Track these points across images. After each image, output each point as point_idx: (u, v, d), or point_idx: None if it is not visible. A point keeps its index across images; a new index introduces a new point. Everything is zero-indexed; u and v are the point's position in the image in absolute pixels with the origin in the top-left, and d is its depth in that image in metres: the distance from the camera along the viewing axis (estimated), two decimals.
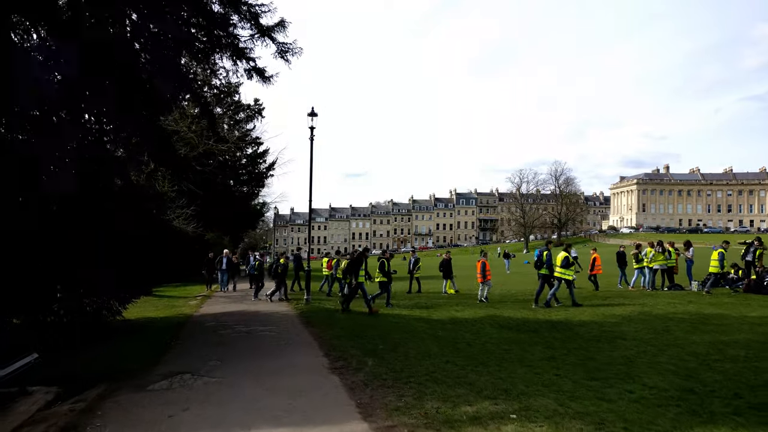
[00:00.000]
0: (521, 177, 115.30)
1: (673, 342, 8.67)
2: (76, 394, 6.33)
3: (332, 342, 9.17)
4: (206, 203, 27.98)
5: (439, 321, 11.90)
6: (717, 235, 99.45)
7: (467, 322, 11.61)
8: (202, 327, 11.68)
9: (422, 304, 15.88)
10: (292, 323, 11.83)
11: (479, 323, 11.41)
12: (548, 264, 14.43)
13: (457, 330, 10.64)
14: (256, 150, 38.86)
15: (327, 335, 9.90)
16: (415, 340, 9.32)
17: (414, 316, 12.65)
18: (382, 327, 10.96)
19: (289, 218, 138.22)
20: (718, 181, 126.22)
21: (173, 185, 20.82)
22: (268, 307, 15.20)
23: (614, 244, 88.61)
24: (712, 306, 12.91)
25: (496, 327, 10.85)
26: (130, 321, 12.89)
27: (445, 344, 9.00)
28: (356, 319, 12.11)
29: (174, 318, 13.32)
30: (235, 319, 12.77)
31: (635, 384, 6.10)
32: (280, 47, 11.07)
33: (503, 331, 10.41)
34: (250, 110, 37.40)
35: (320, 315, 12.97)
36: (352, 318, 12.32)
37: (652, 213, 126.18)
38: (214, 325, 11.85)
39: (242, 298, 18.60)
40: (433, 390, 5.93)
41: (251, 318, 12.91)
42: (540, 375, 6.63)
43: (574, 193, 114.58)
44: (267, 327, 11.25)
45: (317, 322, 11.70)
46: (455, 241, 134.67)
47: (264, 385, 6.53)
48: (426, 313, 13.40)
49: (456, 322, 11.70)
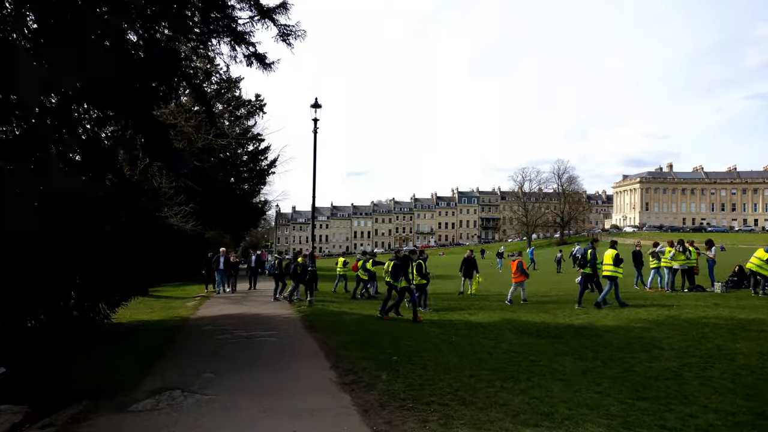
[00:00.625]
0: (524, 175, 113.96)
1: (717, 352, 7.82)
2: (49, 414, 5.51)
3: (339, 351, 8.34)
4: (206, 201, 27.15)
5: (453, 325, 11.08)
6: (721, 234, 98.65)
7: (483, 327, 10.79)
8: (198, 331, 10.86)
9: (432, 306, 15.08)
10: (294, 328, 11.00)
11: (496, 328, 10.58)
12: (592, 263, 13.74)
13: (473, 336, 9.82)
14: (258, 147, 37.99)
15: (333, 342, 9.07)
16: (431, 349, 8.49)
17: (425, 320, 11.82)
18: (393, 333, 10.14)
19: (291, 216, 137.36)
20: (722, 179, 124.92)
21: (171, 182, 20.00)
22: (270, 310, 14.39)
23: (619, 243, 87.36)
24: (743, 310, 12.04)
25: (516, 332, 10.02)
26: (121, 325, 12.08)
27: (463, 353, 8.18)
28: (363, 324, 11.29)
29: (169, 321, 12.50)
30: (234, 322, 11.95)
31: (694, 406, 5.26)
32: (281, 30, 10.24)
33: (524, 337, 9.58)
34: (251, 106, 36.49)
35: (324, 319, 12.14)
36: (360, 322, 11.48)
37: (656, 212, 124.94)
38: (210, 329, 11.03)
39: (242, 300, 17.79)
40: (462, 413, 5.09)
41: (251, 321, 12.09)
42: (580, 393, 5.78)
43: (576, 191, 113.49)
44: (268, 332, 10.42)
45: (322, 326, 10.87)
46: (457, 240, 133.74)
47: (262, 404, 5.70)
48: (437, 316, 12.58)
49: (471, 327, 10.87)
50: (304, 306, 14.54)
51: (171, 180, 19.90)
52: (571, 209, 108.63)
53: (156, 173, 18.56)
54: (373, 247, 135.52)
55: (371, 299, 17.07)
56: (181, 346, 9.24)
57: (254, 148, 37.78)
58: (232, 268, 20.55)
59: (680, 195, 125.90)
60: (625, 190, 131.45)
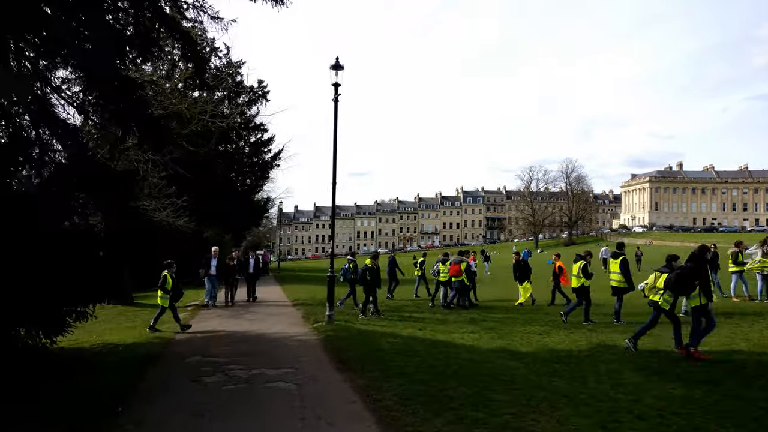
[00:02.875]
0: (531, 174, 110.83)
1: None
2: None
3: (399, 414, 5.20)
4: (202, 195, 24.10)
5: (533, 356, 8.00)
6: (734, 234, 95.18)
7: (577, 359, 7.71)
8: (181, 366, 7.72)
9: (478, 318, 12.02)
10: (317, 362, 7.84)
11: (600, 361, 7.50)
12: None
13: (576, 372, 6.77)
14: (260, 138, 34.80)
15: (383, 393, 5.93)
16: (538, 405, 5.40)
17: (491, 347, 8.71)
18: (457, 368, 7.06)
19: (293, 216, 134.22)
20: (734, 179, 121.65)
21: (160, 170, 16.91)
22: (278, 327, 11.26)
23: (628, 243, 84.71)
24: None
25: (636, 370, 6.94)
26: (81, 351, 9.00)
27: (590, 414, 5.11)
28: (412, 353, 8.17)
29: (145, 345, 9.39)
30: (231, 349, 8.83)
31: None
32: None
33: (656, 379, 6.50)
34: (253, 93, 33.30)
35: (354, 343, 8.96)
36: (407, 352, 8.25)
37: (665, 212, 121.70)
38: (198, 361, 7.90)
39: (243, 312, 14.69)
40: None
41: (254, 348, 8.95)
42: None
43: (584, 191, 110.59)
44: (279, 370, 7.27)
45: (355, 359, 7.72)
46: (462, 240, 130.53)
47: None
48: (498, 338, 9.50)
49: (559, 358, 7.79)
50: (322, 322, 11.42)
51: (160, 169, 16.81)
52: (579, 209, 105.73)
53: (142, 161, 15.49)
54: (376, 247, 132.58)
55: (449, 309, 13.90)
56: (148, 398, 6.10)
57: (257, 138, 34.64)
58: (230, 274, 16.11)
59: (690, 194, 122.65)
60: (633, 189, 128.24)
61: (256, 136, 34.83)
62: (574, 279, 11.73)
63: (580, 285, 11.43)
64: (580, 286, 11.46)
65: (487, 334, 10.07)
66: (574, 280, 11.70)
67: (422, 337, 9.56)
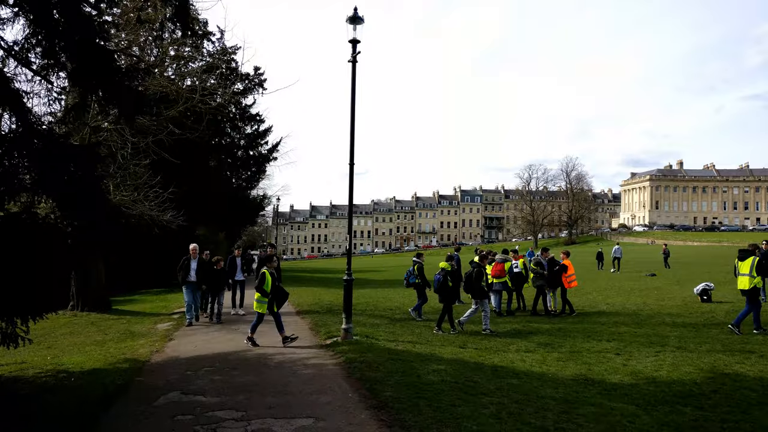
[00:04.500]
0: (530, 173, 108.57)
1: None
2: None
3: None
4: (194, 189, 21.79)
5: (634, 390, 5.81)
6: (735, 233, 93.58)
7: (708, 398, 5.53)
8: (150, 412, 5.44)
9: (522, 330, 9.86)
10: (343, 402, 5.50)
11: (750, 403, 5.32)
12: None
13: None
14: (257, 129, 32.41)
15: None
16: None
17: (568, 375, 6.50)
18: (554, 417, 4.87)
19: (289, 215, 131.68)
20: (735, 177, 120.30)
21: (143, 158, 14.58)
22: (281, 345, 8.94)
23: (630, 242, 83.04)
24: None
25: None
26: (17, 382, 6.71)
27: None
28: (462, 384, 5.96)
29: (108, 373, 7.06)
30: (222, 381, 6.54)
31: None
32: None
33: None
34: (248, 81, 30.84)
35: (388, 372, 6.60)
36: (459, 386, 6.01)
37: (666, 210, 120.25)
38: (176, 403, 5.61)
39: (234, 323, 12.42)
40: None
41: (253, 378, 6.65)
42: None
43: (583, 189, 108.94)
44: (290, 421, 4.98)
45: (396, 398, 5.43)
46: (460, 239, 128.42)
47: None
48: (565, 359, 7.31)
49: (678, 395, 5.61)
50: (337, 338, 9.13)
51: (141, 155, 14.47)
52: (579, 208, 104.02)
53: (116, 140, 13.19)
54: (373, 247, 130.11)
55: None
56: None
57: (253, 130, 32.27)
58: (217, 280, 12.44)
59: (691, 193, 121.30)
60: (633, 188, 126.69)
61: (252, 128, 32.49)
62: (746, 279, 9.31)
63: (752, 287, 9.09)
64: (752, 289, 9.10)
65: (549, 354, 7.86)
66: (746, 281, 9.29)
67: (471, 361, 7.32)
